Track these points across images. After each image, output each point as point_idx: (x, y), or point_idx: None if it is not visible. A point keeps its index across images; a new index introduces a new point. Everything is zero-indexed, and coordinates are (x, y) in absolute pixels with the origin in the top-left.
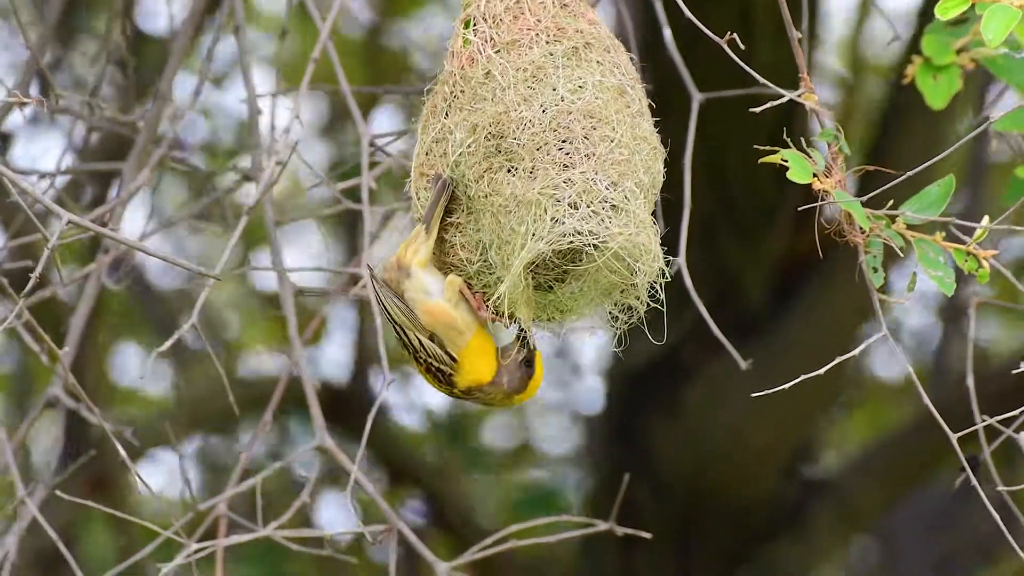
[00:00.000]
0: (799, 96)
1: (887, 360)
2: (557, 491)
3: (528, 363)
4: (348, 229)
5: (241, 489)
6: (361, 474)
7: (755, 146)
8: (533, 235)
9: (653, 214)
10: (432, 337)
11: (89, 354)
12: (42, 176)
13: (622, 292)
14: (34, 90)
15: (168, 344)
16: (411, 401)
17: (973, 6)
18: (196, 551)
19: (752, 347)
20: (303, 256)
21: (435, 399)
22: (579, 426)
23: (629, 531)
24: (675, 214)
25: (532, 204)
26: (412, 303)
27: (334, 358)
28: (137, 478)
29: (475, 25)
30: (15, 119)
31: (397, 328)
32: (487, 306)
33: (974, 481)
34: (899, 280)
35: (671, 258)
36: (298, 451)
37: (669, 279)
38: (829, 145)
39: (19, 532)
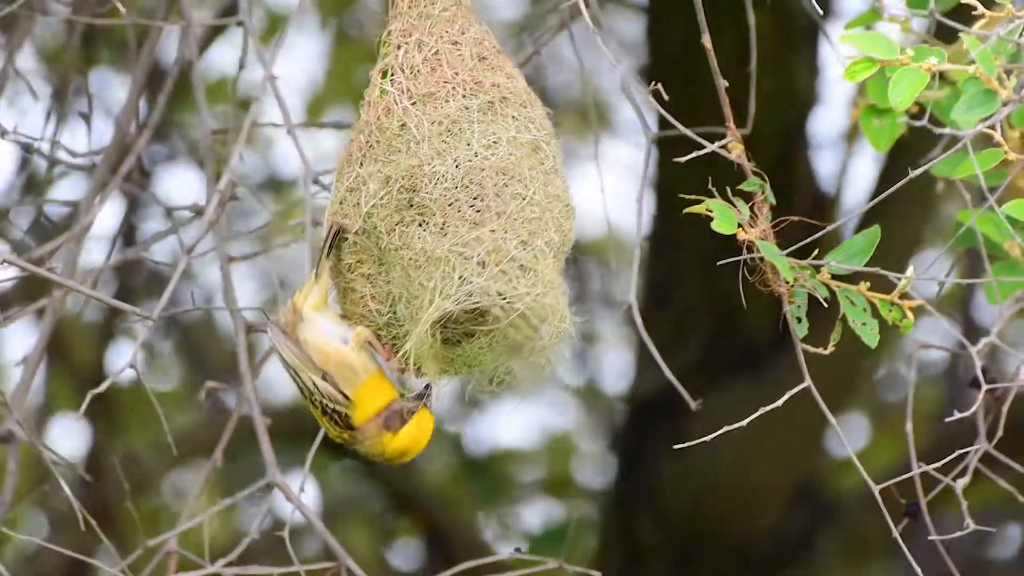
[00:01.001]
0: (724, 145)
1: (899, 391)
2: (563, 525)
3: (411, 411)
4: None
5: (191, 525)
6: (307, 507)
7: (682, 195)
8: (441, 292)
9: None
10: (324, 376)
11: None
12: None
13: (530, 352)
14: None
15: (104, 387)
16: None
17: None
18: None
19: (756, 380)
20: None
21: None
22: (588, 455)
23: (579, 569)
24: (667, 254)
25: (441, 261)
26: (304, 344)
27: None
28: (80, 514)
29: (392, 75)
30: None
31: (291, 372)
32: (396, 358)
33: (895, 533)
34: None
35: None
36: (248, 488)
37: (575, 339)
38: (755, 195)
39: None
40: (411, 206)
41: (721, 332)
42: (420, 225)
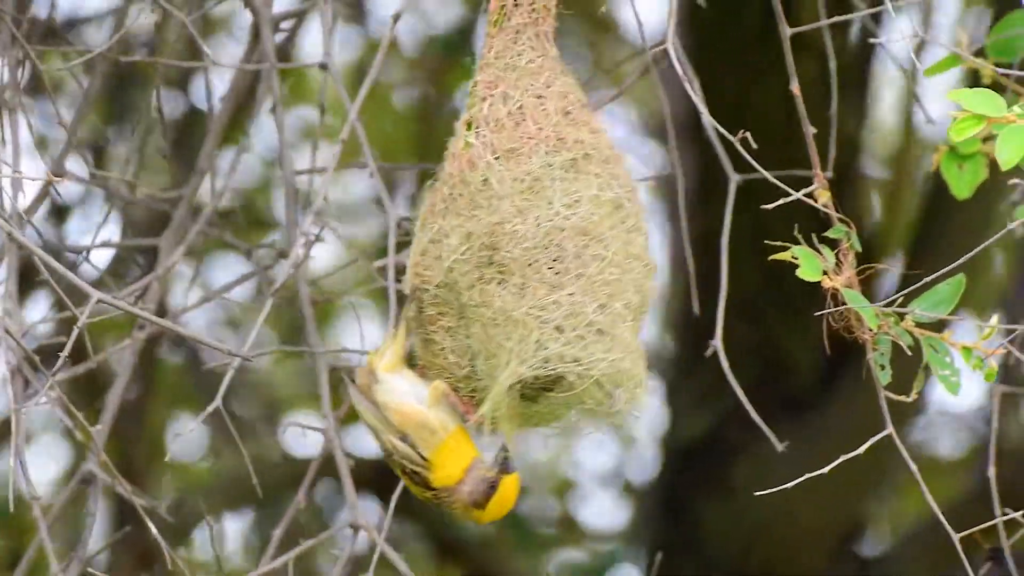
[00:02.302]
0: (812, 191)
1: (940, 437)
2: (605, 567)
3: (493, 484)
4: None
5: (274, 566)
6: (390, 548)
7: (768, 242)
8: (518, 356)
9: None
10: (404, 438)
11: (144, 428)
12: (77, 252)
13: (604, 414)
14: (76, 166)
15: (191, 428)
16: None
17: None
18: None
19: (801, 424)
20: (352, 337)
21: None
22: (629, 501)
23: None
24: (708, 298)
25: (519, 323)
26: (383, 406)
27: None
28: (168, 555)
29: (477, 128)
30: (72, 194)
31: (372, 432)
32: (475, 410)
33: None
34: None
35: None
36: (332, 528)
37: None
38: (841, 242)
39: None
40: (491, 264)
41: (764, 376)
42: (499, 284)
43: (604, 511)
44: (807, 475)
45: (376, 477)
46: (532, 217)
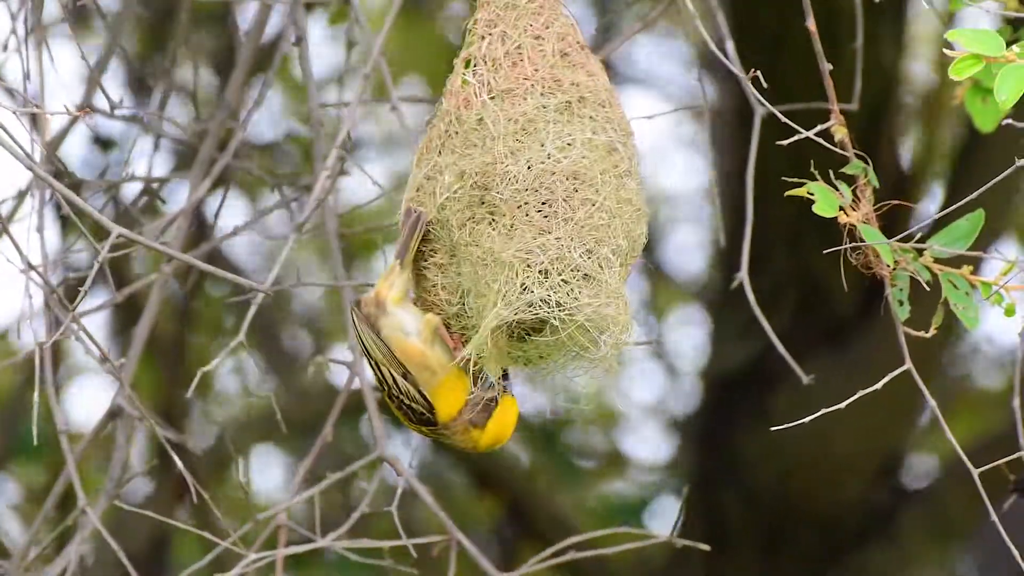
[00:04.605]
0: (829, 127)
1: (983, 368)
2: (647, 498)
3: (492, 401)
4: None
5: (301, 498)
6: (417, 483)
7: (784, 177)
8: (503, 297)
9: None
10: (406, 375)
11: (185, 361)
12: (108, 188)
13: (590, 360)
14: (127, 100)
15: (216, 363)
16: None
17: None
18: (254, 561)
19: (840, 353)
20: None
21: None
22: (671, 431)
23: (687, 543)
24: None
25: (506, 265)
26: (388, 340)
27: None
28: (193, 488)
29: (475, 66)
30: (114, 129)
31: (372, 363)
32: (463, 351)
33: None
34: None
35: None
36: (358, 462)
37: (655, 343)
38: (858, 177)
39: (79, 542)
40: (482, 204)
41: (806, 307)
42: (490, 224)
43: (647, 443)
44: (834, 407)
45: None
46: (524, 159)
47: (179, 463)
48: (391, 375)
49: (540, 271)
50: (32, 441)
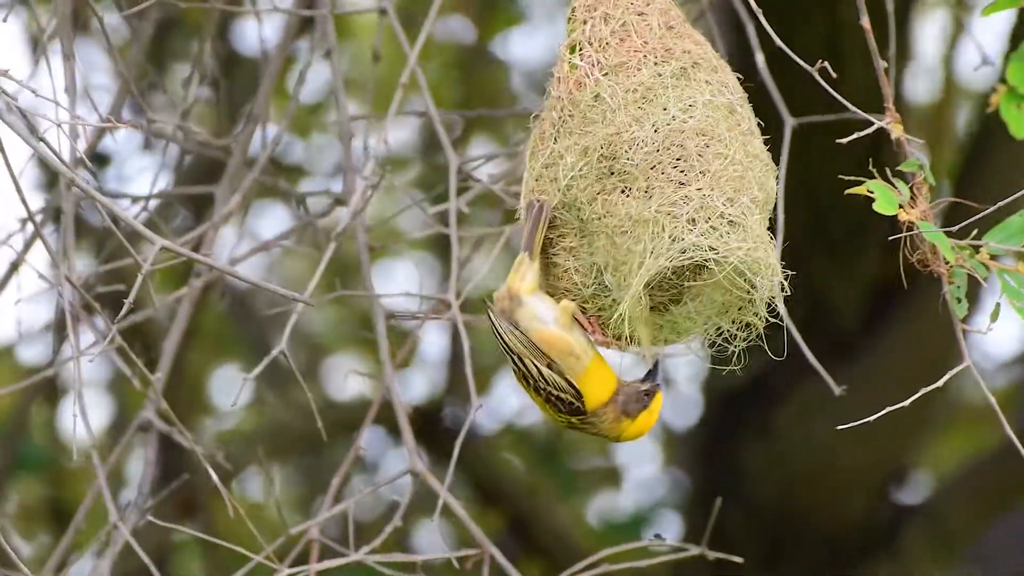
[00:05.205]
0: (886, 124)
1: (991, 381)
2: (647, 513)
3: (648, 393)
4: (441, 254)
5: (333, 513)
6: (452, 498)
7: (841, 176)
8: (652, 252)
9: (769, 229)
10: (550, 364)
11: (183, 376)
12: (135, 200)
13: (739, 309)
14: (128, 114)
15: (257, 371)
16: (501, 424)
17: None
18: None
19: (844, 368)
20: (396, 282)
21: (525, 421)
22: (670, 446)
23: (721, 555)
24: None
25: (649, 222)
26: (527, 331)
27: (424, 382)
28: (229, 503)
29: (581, 49)
30: (108, 142)
31: (514, 357)
32: (602, 330)
33: None
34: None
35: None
36: (391, 476)
37: (789, 293)
38: (914, 175)
39: (112, 556)
40: (612, 174)
41: (809, 319)
42: (623, 192)
43: (648, 458)
44: (863, 420)
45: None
46: (649, 124)
47: (215, 476)
48: (536, 367)
49: (687, 220)
50: (33, 455)
